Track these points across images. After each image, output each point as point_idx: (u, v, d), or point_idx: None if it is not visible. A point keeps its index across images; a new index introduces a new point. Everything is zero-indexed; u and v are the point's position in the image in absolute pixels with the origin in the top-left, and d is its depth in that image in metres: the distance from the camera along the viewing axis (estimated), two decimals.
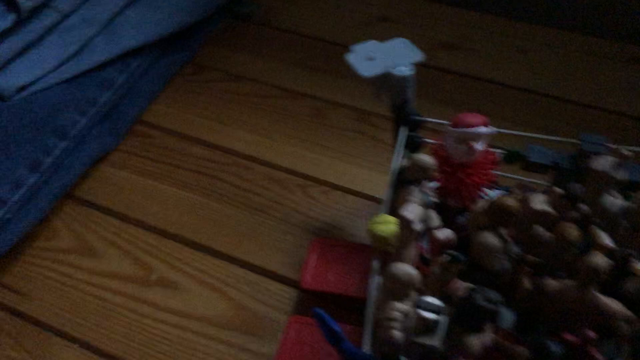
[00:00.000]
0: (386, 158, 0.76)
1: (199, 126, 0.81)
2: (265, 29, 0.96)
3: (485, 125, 0.56)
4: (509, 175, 0.61)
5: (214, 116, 0.82)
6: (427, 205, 0.53)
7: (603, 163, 0.46)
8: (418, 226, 0.45)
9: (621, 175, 0.46)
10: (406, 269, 0.44)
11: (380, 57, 0.60)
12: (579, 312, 0.45)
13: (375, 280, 0.49)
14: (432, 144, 0.59)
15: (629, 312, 0.44)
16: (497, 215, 0.48)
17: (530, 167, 0.57)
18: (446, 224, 0.54)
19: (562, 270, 0.48)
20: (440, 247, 0.53)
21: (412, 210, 0.45)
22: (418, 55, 0.60)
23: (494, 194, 0.59)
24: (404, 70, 0.58)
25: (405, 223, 0.45)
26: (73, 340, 0.60)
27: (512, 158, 0.58)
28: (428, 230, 0.54)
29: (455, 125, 0.56)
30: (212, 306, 0.62)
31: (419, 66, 0.58)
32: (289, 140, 0.79)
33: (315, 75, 0.88)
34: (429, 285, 0.48)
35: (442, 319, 0.42)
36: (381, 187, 0.72)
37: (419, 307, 0.42)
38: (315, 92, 0.85)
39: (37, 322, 0.62)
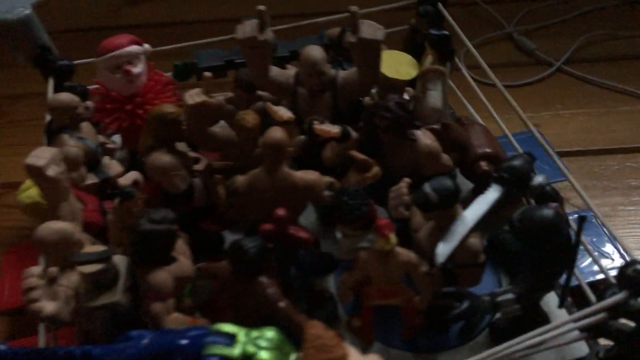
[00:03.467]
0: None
1: None
2: None
3: (138, 43, 0.48)
4: None
5: None
6: (94, 153, 0.44)
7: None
8: (53, 171, 0.35)
9: None
10: (55, 226, 0.34)
11: None
12: (275, 200, 0.38)
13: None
14: (94, 89, 0.50)
15: (328, 178, 0.39)
16: (162, 129, 0.40)
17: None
18: None
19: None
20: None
21: (41, 155, 0.35)
22: None
23: None
24: (22, 10, 0.47)
25: (36, 173, 0.35)
26: None
27: (185, 72, 0.51)
28: (110, 180, 0.45)
29: (102, 54, 0.47)
30: None
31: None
32: None
33: None
34: (113, 237, 0.39)
35: (116, 266, 0.34)
36: None
37: (79, 264, 0.32)
38: None
39: None
